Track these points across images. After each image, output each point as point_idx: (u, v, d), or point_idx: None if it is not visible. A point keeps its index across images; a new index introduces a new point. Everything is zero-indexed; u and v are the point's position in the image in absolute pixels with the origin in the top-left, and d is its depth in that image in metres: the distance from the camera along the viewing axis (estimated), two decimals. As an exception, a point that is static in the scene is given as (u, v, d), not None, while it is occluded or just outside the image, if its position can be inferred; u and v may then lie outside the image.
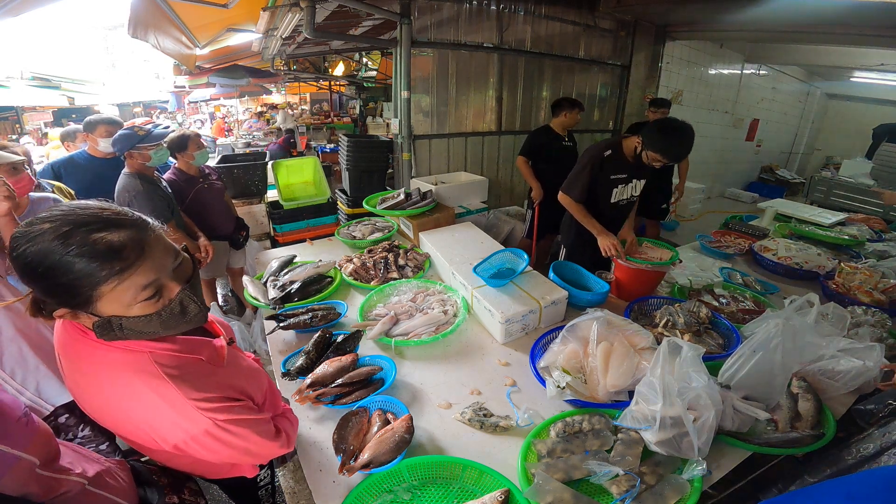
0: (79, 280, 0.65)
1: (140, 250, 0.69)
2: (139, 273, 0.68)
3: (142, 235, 0.70)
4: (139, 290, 0.69)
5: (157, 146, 2.08)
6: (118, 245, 0.66)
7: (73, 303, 0.68)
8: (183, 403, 0.73)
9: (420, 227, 2.41)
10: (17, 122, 7.99)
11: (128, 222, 0.70)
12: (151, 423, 0.75)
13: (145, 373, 0.73)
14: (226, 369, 0.87)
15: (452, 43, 3.65)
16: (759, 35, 4.43)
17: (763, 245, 2.51)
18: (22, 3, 2.71)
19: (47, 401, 1.43)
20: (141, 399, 0.73)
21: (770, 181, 7.85)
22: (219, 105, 12.28)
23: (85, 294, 0.66)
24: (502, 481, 1.02)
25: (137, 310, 0.70)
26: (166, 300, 0.73)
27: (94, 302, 0.67)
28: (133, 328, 0.71)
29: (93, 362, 0.74)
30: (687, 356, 1.12)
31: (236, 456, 0.84)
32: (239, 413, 0.81)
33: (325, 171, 4.33)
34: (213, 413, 0.76)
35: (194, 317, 0.78)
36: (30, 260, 0.64)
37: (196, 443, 0.77)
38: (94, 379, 0.75)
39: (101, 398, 0.77)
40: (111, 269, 0.65)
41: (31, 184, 1.61)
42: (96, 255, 0.64)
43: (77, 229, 0.65)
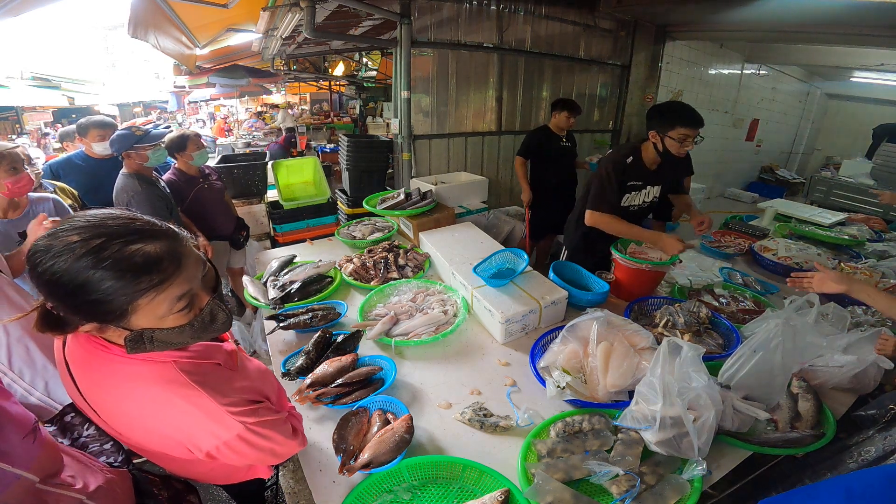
0: (114, 294, 0.62)
1: (177, 261, 0.67)
2: (175, 284, 0.67)
3: (177, 246, 0.69)
4: (174, 301, 0.68)
5: (154, 146, 2.08)
6: (156, 257, 0.65)
7: (106, 318, 0.65)
8: (216, 410, 0.73)
9: (420, 227, 2.41)
10: (17, 122, 7.98)
11: (161, 233, 0.68)
12: (185, 432, 0.75)
13: (174, 383, 0.71)
14: (240, 372, 0.87)
15: (452, 43, 3.65)
16: (759, 35, 4.43)
17: (763, 245, 2.51)
18: (22, 3, 2.71)
19: (56, 400, 1.43)
20: (173, 409, 0.72)
21: (770, 181, 7.84)
22: (219, 105, 12.28)
23: (120, 308, 0.64)
24: (502, 481, 1.02)
25: (171, 321, 0.69)
26: (197, 310, 0.73)
27: (128, 316, 0.65)
28: (164, 339, 0.70)
29: (117, 377, 0.72)
30: (687, 356, 1.12)
31: (262, 457, 0.83)
32: (264, 415, 0.81)
33: (325, 171, 4.33)
34: (243, 417, 0.76)
35: (222, 325, 0.78)
36: (59, 276, 0.60)
37: (228, 448, 0.77)
38: (118, 393, 0.73)
39: (127, 413, 0.75)
40: (150, 281, 0.64)
41: (31, 183, 1.61)
42: (134, 268, 0.62)
43: (111, 241, 0.62)
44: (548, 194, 3.35)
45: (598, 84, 4.85)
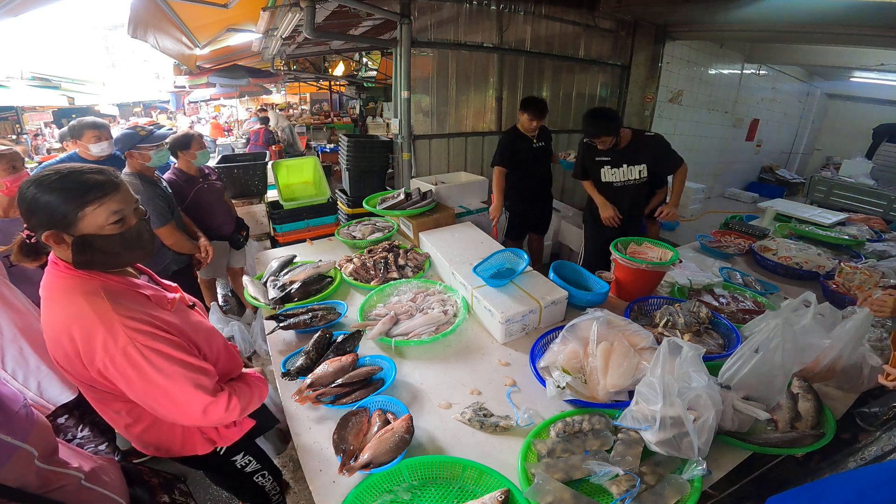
0: (69, 203, 0.87)
1: (115, 187, 0.93)
2: (112, 201, 0.92)
3: (116, 181, 0.95)
4: (110, 214, 0.91)
5: (157, 147, 2.08)
6: (100, 181, 0.91)
7: (62, 223, 0.87)
8: (110, 316, 0.86)
9: (420, 227, 2.41)
10: (17, 122, 7.98)
11: (107, 171, 0.95)
12: (82, 338, 0.86)
13: (91, 294, 0.89)
14: (174, 314, 0.99)
15: (452, 43, 3.65)
16: (759, 35, 4.43)
17: (763, 245, 2.51)
18: (22, 3, 2.71)
19: (49, 400, 1.43)
20: (78, 313, 0.87)
21: (770, 181, 7.84)
22: (219, 105, 12.29)
23: (72, 214, 0.87)
24: (502, 481, 1.02)
25: (108, 230, 0.91)
26: (128, 226, 0.95)
27: (76, 222, 0.88)
28: (102, 247, 0.91)
29: (55, 288, 0.91)
30: (687, 356, 1.12)
31: (155, 396, 0.88)
32: (164, 345, 0.89)
33: (325, 171, 4.33)
34: (135, 333, 0.87)
35: (148, 242, 1.00)
36: (35, 193, 0.85)
37: (114, 365, 0.85)
38: (53, 304, 0.91)
39: (51, 320, 0.90)
40: (93, 195, 0.89)
41: None
42: (85, 186, 0.89)
43: (72, 172, 0.90)
44: (522, 195, 3.23)
45: (598, 84, 4.85)
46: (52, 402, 1.44)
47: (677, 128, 5.39)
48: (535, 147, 3.10)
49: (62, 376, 1.46)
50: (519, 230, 3.39)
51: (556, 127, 4.54)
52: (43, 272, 1.68)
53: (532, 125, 3.00)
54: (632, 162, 2.47)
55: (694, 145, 5.83)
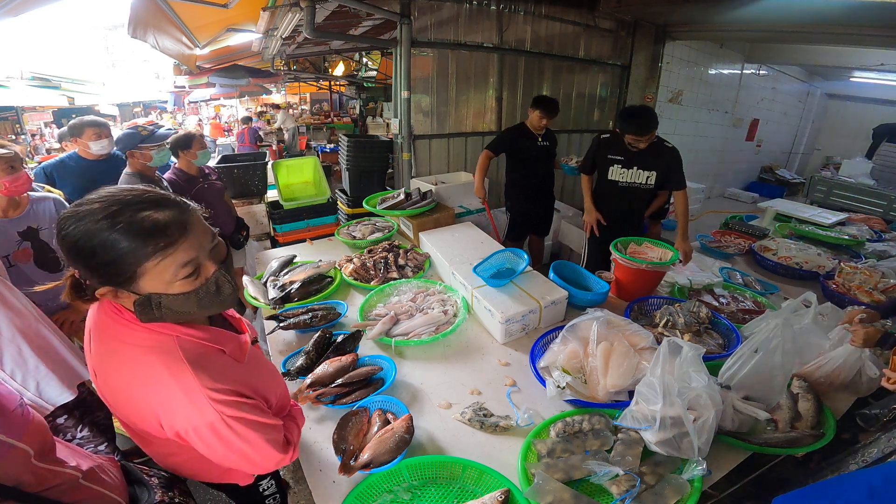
0: (124, 256, 0.68)
1: (182, 229, 0.72)
2: (181, 250, 0.71)
3: (184, 216, 0.73)
4: (179, 267, 0.71)
5: (159, 147, 2.08)
6: (163, 223, 0.70)
7: (117, 280, 0.70)
8: (196, 390, 0.74)
9: (420, 227, 2.41)
10: (17, 122, 7.98)
11: (171, 203, 0.74)
12: (161, 405, 0.75)
13: (167, 354, 0.74)
14: (245, 366, 0.87)
15: (452, 43, 3.65)
16: (759, 35, 4.43)
17: (763, 245, 2.51)
18: (22, 3, 2.71)
19: (48, 401, 1.43)
20: (157, 379, 0.74)
21: (770, 181, 7.84)
22: (219, 105, 12.29)
23: (129, 270, 0.69)
24: (502, 481, 1.02)
25: (177, 287, 0.73)
26: (203, 279, 0.75)
27: (137, 279, 0.70)
28: (171, 306, 0.74)
29: (121, 341, 0.76)
30: (687, 356, 1.11)
31: (233, 459, 0.81)
32: (248, 412, 0.79)
33: (325, 171, 4.32)
34: (222, 406, 0.76)
35: (227, 297, 0.80)
36: (78, 238, 0.67)
37: (197, 434, 0.77)
38: (117, 357, 0.77)
39: (119, 376, 0.78)
40: (155, 245, 0.69)
41: (29, 183, 1.60)
42: (142, 232, 0.68)
43: (125, 208, 0.68)
44: (525, 194, 3.22)
45: (598, 84, 4.85)
46: (51, 403, 1.44)
47: (677, 128, 5.39)
48: (539, 146, 3.09)
49: (61, 377, 1.45)
50: (520, 230, 3.37)
51: (556, 127, 4.50)
52: (50, 276, 1.69)
53: (541, 123, 3.00)
54: (643, 167, 2.41)
55: (694, 145, 5.83)
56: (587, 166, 2.68)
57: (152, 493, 0.86)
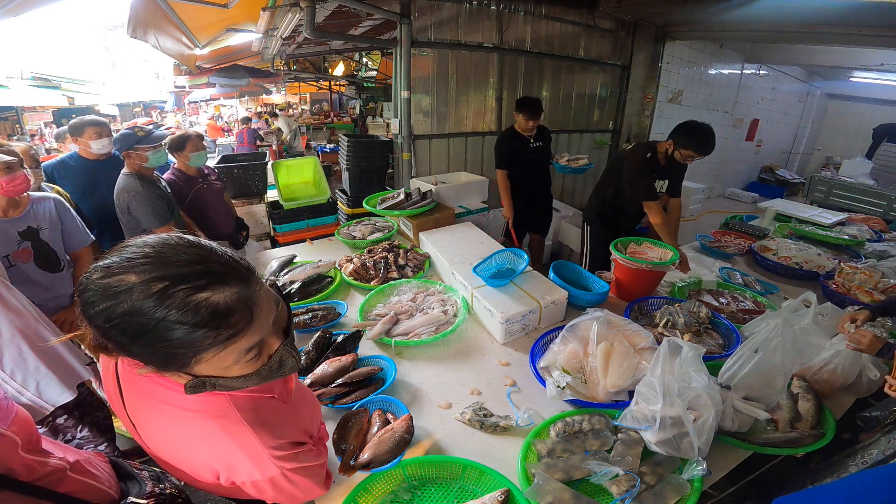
0: (175, 348, 0.55)
1: (249, 312, 0.59)
2: (246, 338, 0.59)
3: (250, 293, 0.60)
4: (243, 353, 0.61)
5: (155, 148, 2.08)
6: (225, 309, 0.56)
7: (166, 368, 0.59)
8: (259, 451, 0.69)
9: (420, 227, 2.41)
10: (17, 122, 7.98)
11: (233, 275, 0.59)
12: (222, 464, 0.71)
13: (224, 418, 0.67)
14: (292, 406, 0.82)
15: (452, 43, 3.65)
16: (759, 35, 4.43)
17: (763, 245, 2.51)
18: (22, 3, 2.71)
19: (48, 401, 1.43)
20: (217, 443, 0.68)
21: (770, 181, 7.84)
22: (219, 105, 12.29)
23: (182, 361, 0.58)
24: (502, 481, 1.02)
25: (236, 370, 0.62)
26: (265, 358, 0.65)
27: (189, 367, 0.59)
28: (227, 385, 0.63)
29: (168, 403, 0.68)
30: (687, 356, 1.11)
31: (281, 499, 0.79)
32: (304, 460, 0.76)
33: (325, 171, 4.33)
34: (283, 462, 0.72)
35: (289, 370, 0.70)
36: (115, 321, 0.53)
37: (255, 487, 0.73)
38: (168, 418, 0.70)
39: (172, 435, 0.72)
40: (216, 337, 0.56)
41: (27, 184, 1.59)
42: (200, 323, 0.54)
43: (174, 287, 0.53)
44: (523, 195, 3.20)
45: (598, 84, 4.85)
46: (51, 403, 1.44)
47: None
48: (532, 147, 3.08)
49: (61, 377, 1.45)
50: (518, 230, 3.37)
51: (556, 127, 4.53)
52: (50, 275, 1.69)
53: (528, 125, 2.99)
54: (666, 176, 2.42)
55: (694, 145, 5.82)
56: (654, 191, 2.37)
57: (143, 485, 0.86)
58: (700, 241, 2.64)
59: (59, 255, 1.74)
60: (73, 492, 0.74)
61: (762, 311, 1.81)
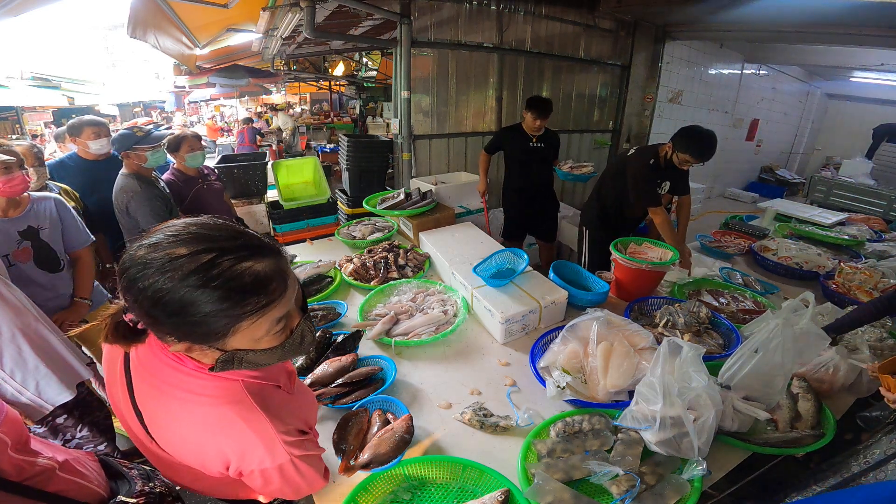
0: (218, 316, 0.58)
1: (283, 282, 0.63)
2: (279, 306, 0.63)
3: (283, 265, 0.64)
4: (274, 323, 0.64)
5: (154, 148, 2.08)
6: (265, 276, 0.60)
7: (205, 340, 0.61)
8: (272, 437, 0.70)
9: (420, 227, 2.41)
10: (17, 122, 7.98)
11: (269, 249, 0.63)
12: (235, 452, 0.71)
13: (239, 404, 0.69)
14: (295, 397, 0.84)
15: (452, 43, 3.65)
16: (759, 35, 4.42)
17: (763, 245, 2.52)
18: (22, 3, 2.70)
19: (47, 401, 1.43)
20: (234, 429, 0.69)
21: (770, 181, 7.83)
22: (219, 105, 12.29)
23: (222, 331, 0.60)
24: (502, 481, 1.02)
25: (265, 343, 0.66)
26: (289, 331, 0.69)
27: (226, 338, 0.61)
28: (254, 360, 0.66)
29: (186, 390, 0.69)
30: (687, 356, 1.11)
31: (286, 490, 0.79)
32: (309, 449, 0.77)
33: (325, 171, 4.33)
34: (292, 448, 0.72)
35: (309, 345, 0.74)
36: (163, 294, 0.55)
37: (262, 475, 0.73)
38: (184, 406, 0.70)
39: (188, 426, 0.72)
40: (256, 304, 0.60)
41: (25, 184, 1.58)
42: (243, 289, 0.58)
43: (221, 258, 0.57)
44: (518, 195, 3.18)
45: (598, 84, 4.85)
46: (50, 403, 1.44)
47: (677, 128, 5.36)
48: (531, 146, 3.03)
49: (61, 376, 1.45)
50: (515, 230, 3.34)
51: (556, 127, 4.51)
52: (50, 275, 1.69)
53: (536, 124, 2.95)
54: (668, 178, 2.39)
55: (694, 145, 5.82)
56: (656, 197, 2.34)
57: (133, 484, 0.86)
58: (700, 241, 2.64)
59: (59, 255, 1.74)
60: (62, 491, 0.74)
61: (762, 311, 1.81)
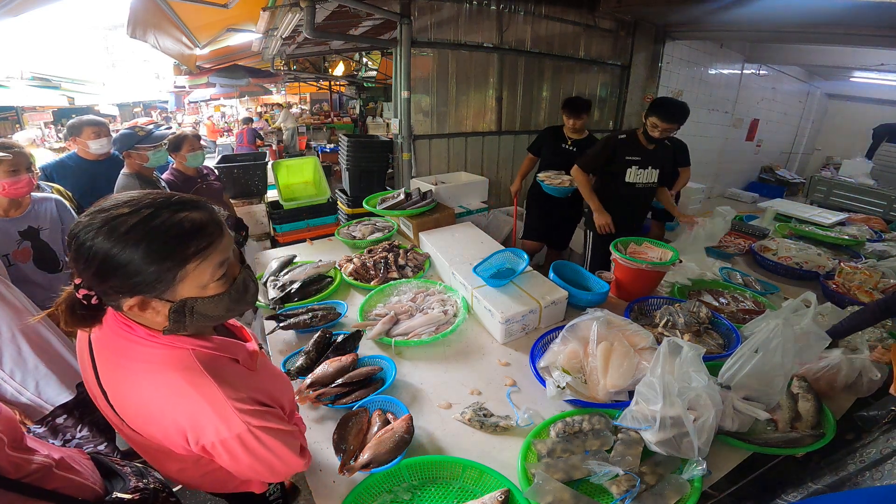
0: (166, 261, 0.65)
1: (218, 227, 0.72)
2: (218, 251, 0.71)
3: (216, 216, 0.73)
4: (216, 268, 0.71)
5: (155, 147, 2.08)
6: (200, 223, 0.69)
7: (156, 289, 0.67)
8: (222, 403, 0.72)
9: (420, 227, 2.41)
10: (17, 122, 7.98)
11: (200, 204, 0.72)
12: (189, 421, 0.73)
13: (188, 369, 0.72)
14: (258, 374, 0.86)
15: (452, 43, 3.65)
16: (759, 35, 4.43)
17: (763, 245, 2.51)
18: (22, 3, 2.71)
19: (47, 401, 1.43)
20: (183, 396, 0.72)
21: (770, 181, 7.83)
22: (219, 105, 12.29)
23: (170, 276, 0.67)
24: (502, 481, 1.02)
25: (212, 289, 0.72)
26: (232, 279, 0.75)
27: (175, 285, 0.68)
28: (204, 311, 0.72)
29: (135, 359, 0.73)
30: (687, 356, 1.11)
31: (258, 468, 0.80)
32: (271, 421, 0.78)
33: (325, 171, 4.33)
34: (248, 417, 0.74)
35: (253, 295, 0.81)
36: (110, 248, 0.62)
37: (225, 448, 0.75)
38: (136, 376, 0.74)
39: (140, 396, 0.74)
40: (197, 246, 0.67)
41: (30, 186, 1.60)
42: (184, 234, 0.66)
43: (160, 210, 0.66)
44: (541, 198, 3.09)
45: (598, 84, 4.85)
46: (50, 402, 1.44)
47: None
48: (563, 148, 2.96)
49: (61, 376, 1.46)
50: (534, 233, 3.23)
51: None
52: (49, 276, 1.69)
53: (570, 124, 2.91)
54: (656, 165, 2.38)
55: (694, 145, 5.77)
56: (594, 166, 2.44)
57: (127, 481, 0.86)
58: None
59: (58, 256, 1.74)
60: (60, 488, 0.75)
61: (762, 311, 1.81)
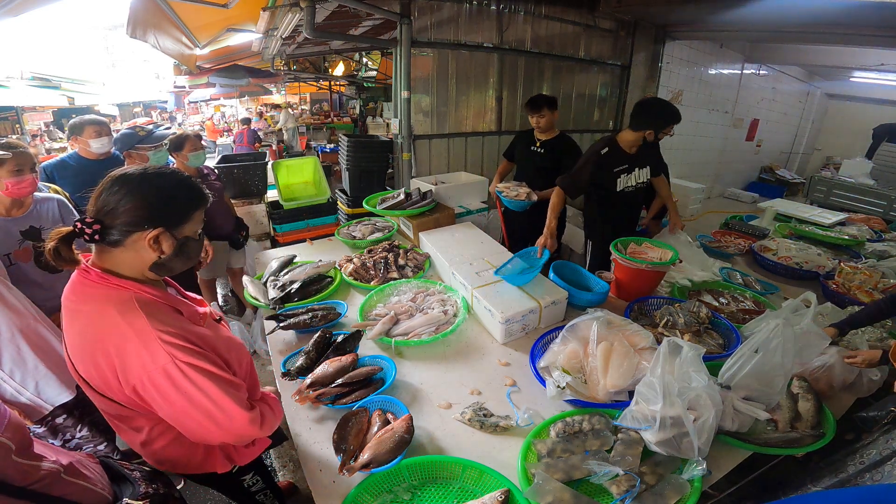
0: (191, 201, 0.91)
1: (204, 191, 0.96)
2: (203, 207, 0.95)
3: None
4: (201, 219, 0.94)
5: (156, 148, 2.08)
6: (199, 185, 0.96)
7: (180, 219, 0.88)
8: (147, 332, 0.79)
9: (420, 227, 2.41)
10: (17, 122, 7.98)
11: None
12: (117, 352, 0.79)
13: (123, 304, 0.81)
14: (206, 330, 0.93)
15: (452, 43, 3.64)
16: (759, 35, 4.43)
17: (763, 245, 2.51)
18: (22, 3, 2.70)
19: (47, 401, 1.43)
20: (112, 325, 0.79)
21: (770, 181, 7.83)
22: (219, 105, 12.28)
23: (190, 212, 0.90)
24: (502, 481, 1.02)
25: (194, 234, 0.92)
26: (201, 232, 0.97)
27: (184, 224, 0.89)
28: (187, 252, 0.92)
29: (84, 296, 0.83)
30: (687, 356, 1.12)
31: (197, 416, 0.81)
32: (202, 361, 0.82)
33: (325, 171, 4.33)
34: (173, 349, 0.79)
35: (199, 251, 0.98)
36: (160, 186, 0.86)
37: (153, 384, 0.79)
38: (80, 315, 0.83)
39: (80, 333, 0.83)
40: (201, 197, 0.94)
41: (33, 186, 1.61)
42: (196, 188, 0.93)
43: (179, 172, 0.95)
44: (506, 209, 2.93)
45: (598, 84, 4.84)
46: (50, 403, 1.44)
47: (677, 128, 5.38)
48: (531, 150, 2.84)
49: (60, 376, 1.45)
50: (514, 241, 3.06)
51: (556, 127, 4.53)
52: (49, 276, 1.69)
53: (534, 122, 2.77)
54: (644, 164, 2.32)
55: (694, 145, 5.82)
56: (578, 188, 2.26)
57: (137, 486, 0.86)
58: (700, 241, 2.64)
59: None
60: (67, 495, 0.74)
61: (762, 311, 1.81)
